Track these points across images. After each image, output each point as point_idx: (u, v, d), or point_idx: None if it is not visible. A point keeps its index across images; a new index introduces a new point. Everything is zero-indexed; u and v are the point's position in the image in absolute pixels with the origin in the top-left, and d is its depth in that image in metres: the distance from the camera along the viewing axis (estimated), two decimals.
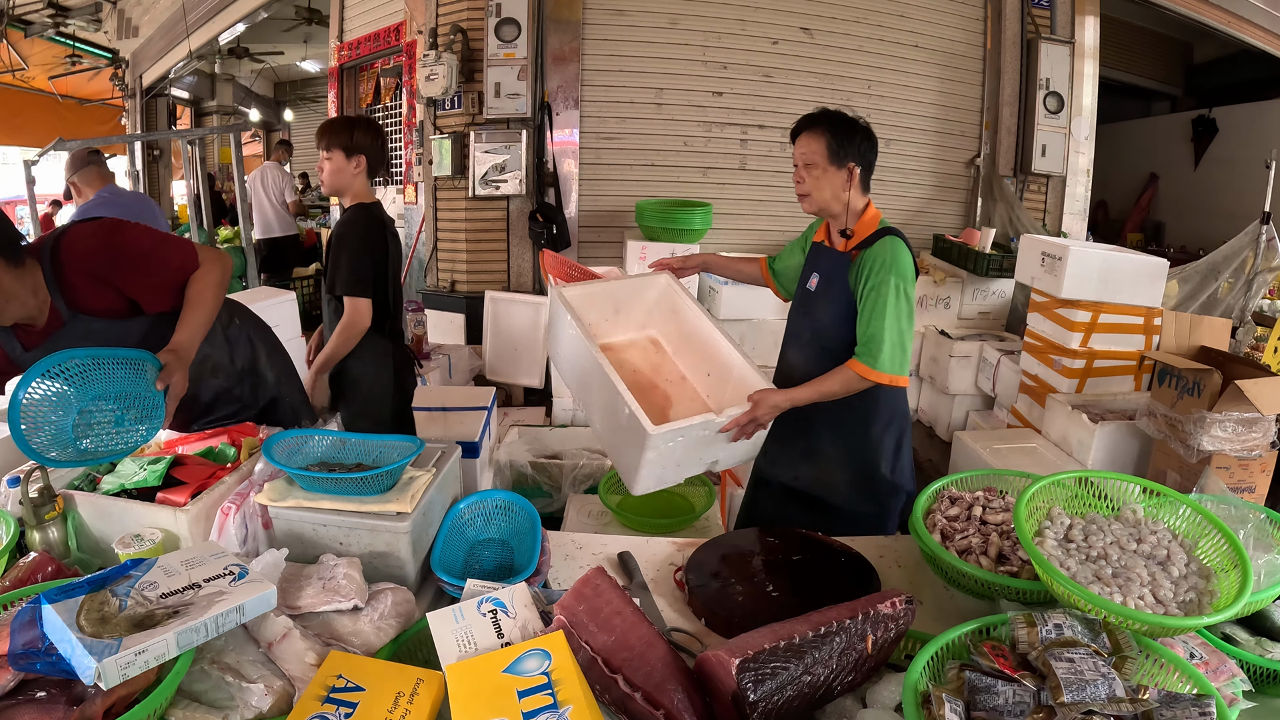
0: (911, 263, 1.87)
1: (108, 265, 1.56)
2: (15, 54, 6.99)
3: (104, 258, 1.56)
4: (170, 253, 1.63)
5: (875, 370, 1.77)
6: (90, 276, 1.55)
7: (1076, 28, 4.85)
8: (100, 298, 1.57)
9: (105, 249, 1.56)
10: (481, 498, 1.49)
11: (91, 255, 1.55)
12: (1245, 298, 3.33)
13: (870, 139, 1.92)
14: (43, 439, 1.30)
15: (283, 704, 0.99)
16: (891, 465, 1.96)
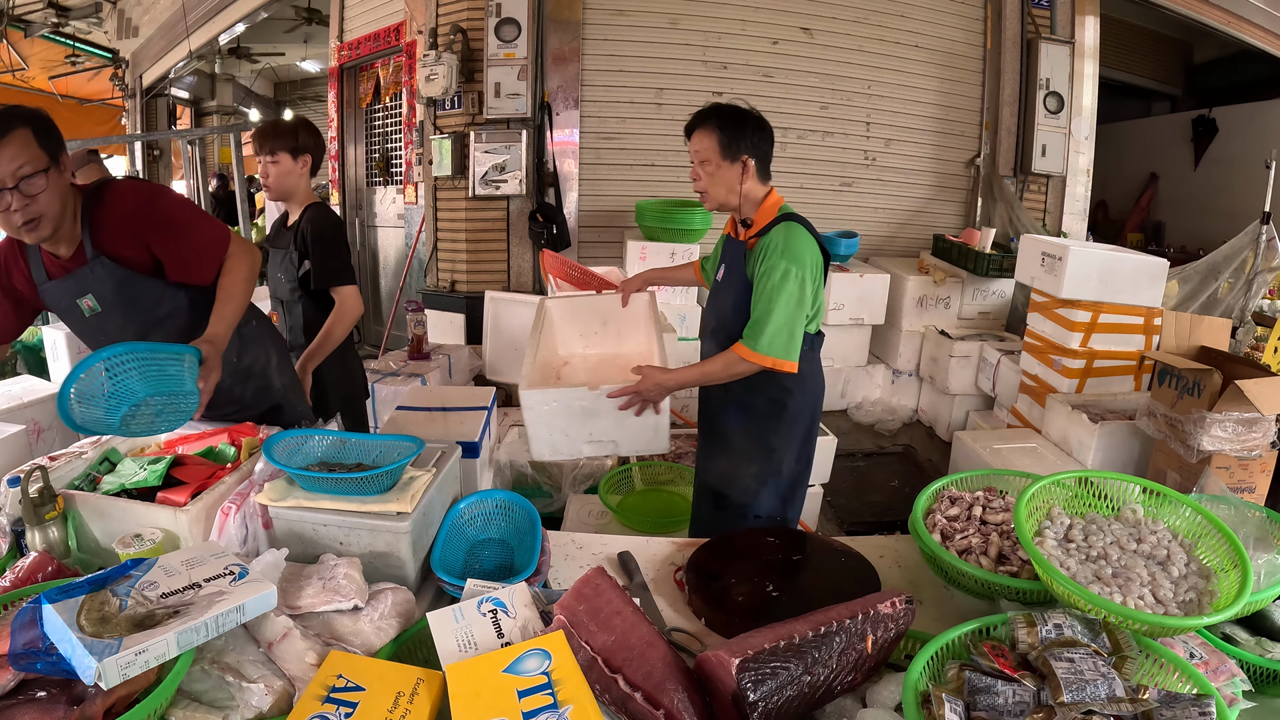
0: (810, 248, 1.84)
1: (144, 221, 1.63)
2: (15, 54, 6.99)
3: (142, 213, 1.63)
4: (203, 227, 1.71)
5: (755, 352, 1.78)
6: (125, 226, 1.61)
7: (1076, 28, 4.84)
8: (127, 247, 1.63)
9: (145, 205, 1.64)
10: (481, 498, 1.49)
11: (132, 208, 1.62)
12: (1245, 298, 3.33)
13: (763, 129, 1.90)
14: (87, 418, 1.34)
15: (283, 704, 0.99)
16: (796, 456, 1.98)
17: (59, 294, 1.67)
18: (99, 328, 1.71)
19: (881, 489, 3.57)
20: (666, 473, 2.67)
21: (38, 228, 1.51)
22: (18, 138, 1.44)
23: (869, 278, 4.02)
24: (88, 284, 1.64)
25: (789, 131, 4.62)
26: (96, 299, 1.66)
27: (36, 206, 1.48)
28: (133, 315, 1.70)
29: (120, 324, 1.69)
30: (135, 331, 1.70)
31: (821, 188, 4.75)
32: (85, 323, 1.71)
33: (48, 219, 1.52)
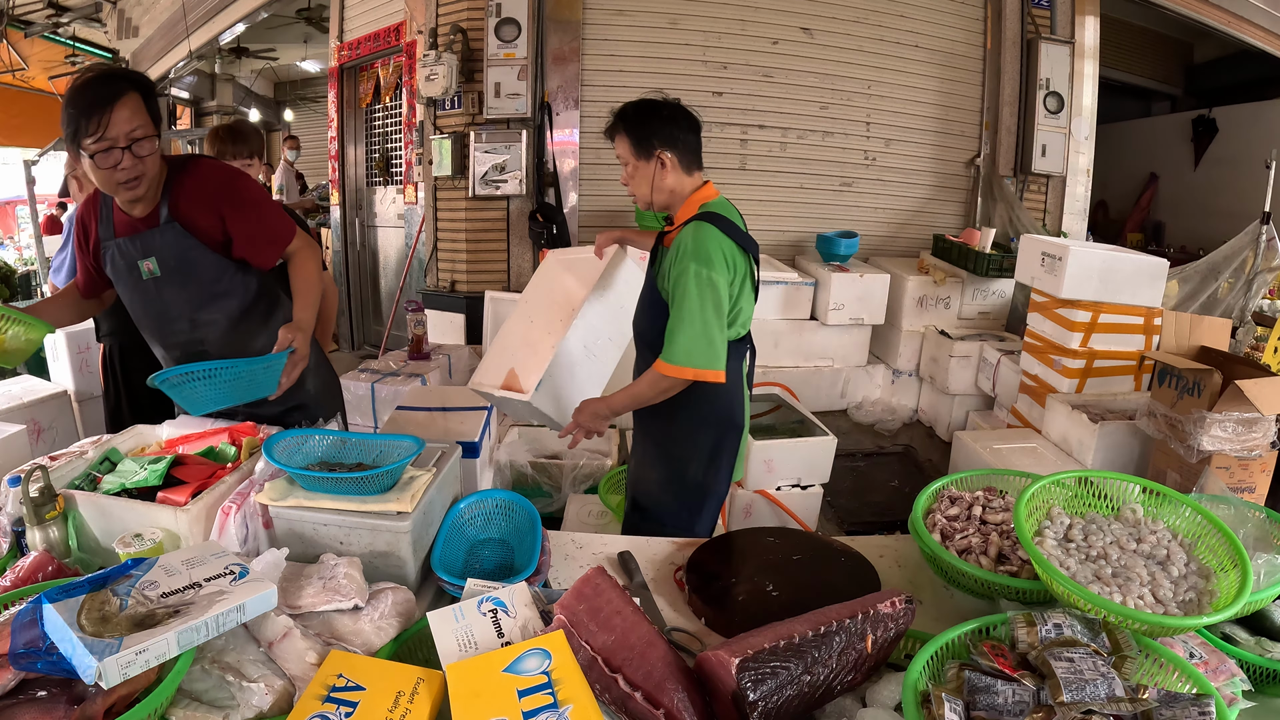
0: (721, 247, 1.73)
1: (224, 195, 1.70)
2: (15, 54, 6.99)
3: (224, 188, 1.71)
4: (274, 214, 1.80)
5: (673, 366, 1.70)
6: (205, 197, 1.68)
7: (1076, 28, 4.85)
8: (202, 217, 1.68)
9: (228, 181, 1.72)
10: (481, 497, 1.49)
11: (216, 181, 1.70)
12: (1245, 298, 3.34)
13: (676, 119, 1.81)
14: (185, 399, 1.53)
15: (283, 703, 0.99)
16: (704, 468, 1.89)
17: (122, 252, 1.71)
18: (154, 292, 1.73)
19: (881, 489, 3.57)
20: None
21: (136, 187, 1.58)
22: (131, 101, 1.52)
23: (869, 278, 4.02)
24: (154, 246, 1.68)
25: (789, 131, 4.62)
26: (159, 263, 1.70)
27: (142, 167, 1.56)
28: (190, 284, 1.72)
29: (176, 291, 1.73)
30: (188, 301, 1.73)
31: (821, 188, 4.75)
32: (140, 286, 1.73)
33: (147, 179, 1.59)
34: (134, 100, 1.53)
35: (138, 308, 1.78)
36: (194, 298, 1.74)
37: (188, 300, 1.74)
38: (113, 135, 1.51)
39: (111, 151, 1.51)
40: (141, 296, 1.75)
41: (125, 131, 1.51)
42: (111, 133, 1.50)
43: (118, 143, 1.51)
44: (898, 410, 4.23)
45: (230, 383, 1.56)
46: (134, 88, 1.53)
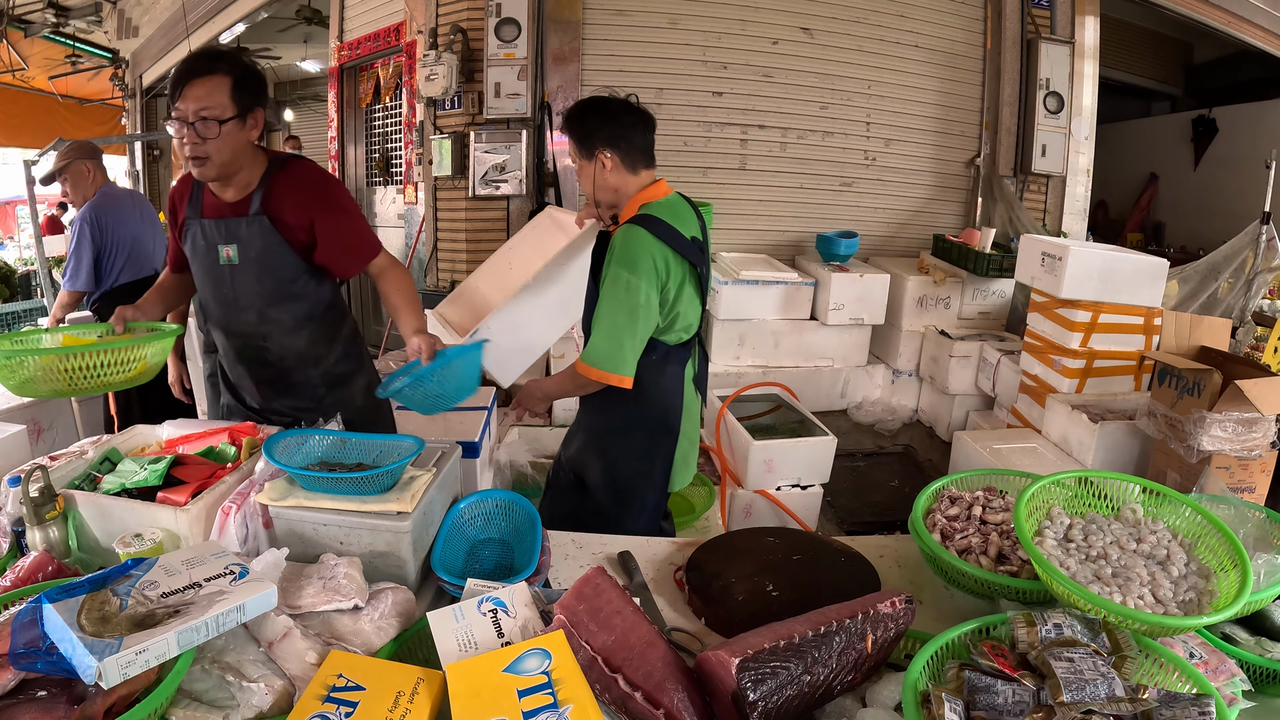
0: (650, 252, 1.72)
1: (318, 199, 1.71)
2: (15, 54, 6.98)
3: (320, 190, 1.72)
4: (363, 226, 1.80)
5: (585, 365, 1.75)
6: (299, 195, 1.69)
7: (1076, 28, 4.85)
8: (292, 215, 1.69)
9: (324, 184, 1.74)
10: (481, 497, 1.49)
11: (313, 181, 1.72)
12: (1245, 298, 3.33)
13: (616, 118, 1.79)
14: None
15: (283, 703, 0.99)
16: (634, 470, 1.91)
17: (204, 233, 1.72)
18: (228, 279, 1.74)
19: (881, 489, 3.57)
20: None
21: (202, 166, 1.60)
22: (213, 81, 1.55)
23: (869, 278, 4.02)
24: (238, 234, 1.69)
25: (789, 131, 4.62)
26: (239, 251, 1.70)
27: (205, 148, 1.57)
28: (265, 279, 1.73)
29: (249, 283, 1.73)
30: (259, 295, 1.74)
31: (821, 188, 4.75)
32: (215, 270, 1.74)
33: (213, 163, 1.60)
34: (217, 82, 1.55)
35: (208, 290, 1.79)
36: (266, 292, 1.75)
37: (259, 294, 1.74)
38: (183, 109, 1.54)
39: (180, 124, 1.55)
40: (214, 281, 1.76)
41: (195, 109, 1.54)
42: (183, 106, 1.54)
43: (186, 117, 1.54)
44: (898, 410, 4.23)
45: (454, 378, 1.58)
46: (227, 71, 1.56)
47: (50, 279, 4.98)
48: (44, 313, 4.77)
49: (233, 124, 1.58)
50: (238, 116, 1.59)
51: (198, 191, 1.73)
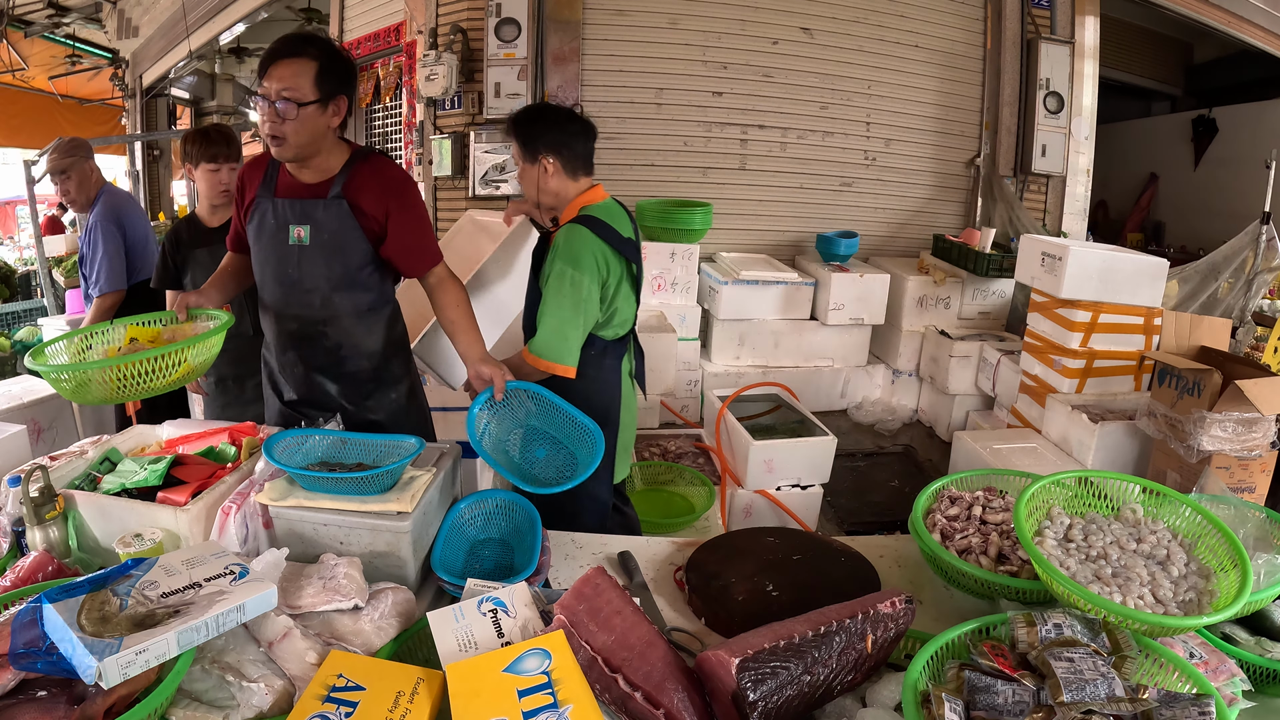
0: (591, 250, 1.83)
1: (396, 193, 1.74)
2: (15, 54, 6.98)
3: (398, 186, 1.74)
4: (430, 230, 1.82)
5: (530, 355, 1.85)
6: (379, 187, 1.72)
7: (1076, 28, 4.84)
8: (370, 204, 1.71)
9: (403, 182, 1.77)
10: (481, 498, 1.49)
11: (392, 177, 1.74)
12: (1245, 298, 3.33)
13: (564, 125, 1.90)
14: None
15: (283, 703, 0.99)
16: None
17: (276, 212, 1.72)
18: (295, 260, 1.74)
19: (881, 489, 3.57)
20: (666, 473, 2.67)
21: (280, 145, 1.62)
22: (299, 64, 1.57)
23: (869, 278, 4.02)
24: (313, 215, 1.70)
25: (789, 131, 4.62)
26: (312, 232, 1.71)
27: (282, 128, 1.59)
28: (334, 262, 1.74)
29: (319, 265, 1.74)
30: (327, 279, 1.75)
31: (821, 188, 4.75)
32: (282, 251, 1.74)
33: (290, 144, 1.61)
34: (302, 65, 1.57)
35: (269, 270, 1.78)
36: (334, 276, 1.75)
37: (327, 277, 1.75)
38: (267, 87, 1.57)
39: (262, 101, 1.58)
40: (279, 260, 1.75)
41: (278, 88, 1.56)
42: (268, 84, 1.57)
43: (269, 95, 1.57)
44: (898, 410, 4.23)
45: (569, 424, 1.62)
46: (314, 56, 1.58)
47: (50, 279, 4.98)
48: (44, 313, 4.77)
49: (313, 108, 1.60)
50: (318, 102, 1.60)
51: (273, 171, 1.74)
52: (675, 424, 3.57)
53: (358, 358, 1.84)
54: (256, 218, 1.74)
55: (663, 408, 3.57)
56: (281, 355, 1.86)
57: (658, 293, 3.96)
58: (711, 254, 4.38)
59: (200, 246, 2.49)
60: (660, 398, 3.52)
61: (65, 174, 2.99)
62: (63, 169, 2.99)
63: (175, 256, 2.49)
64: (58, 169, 2.99)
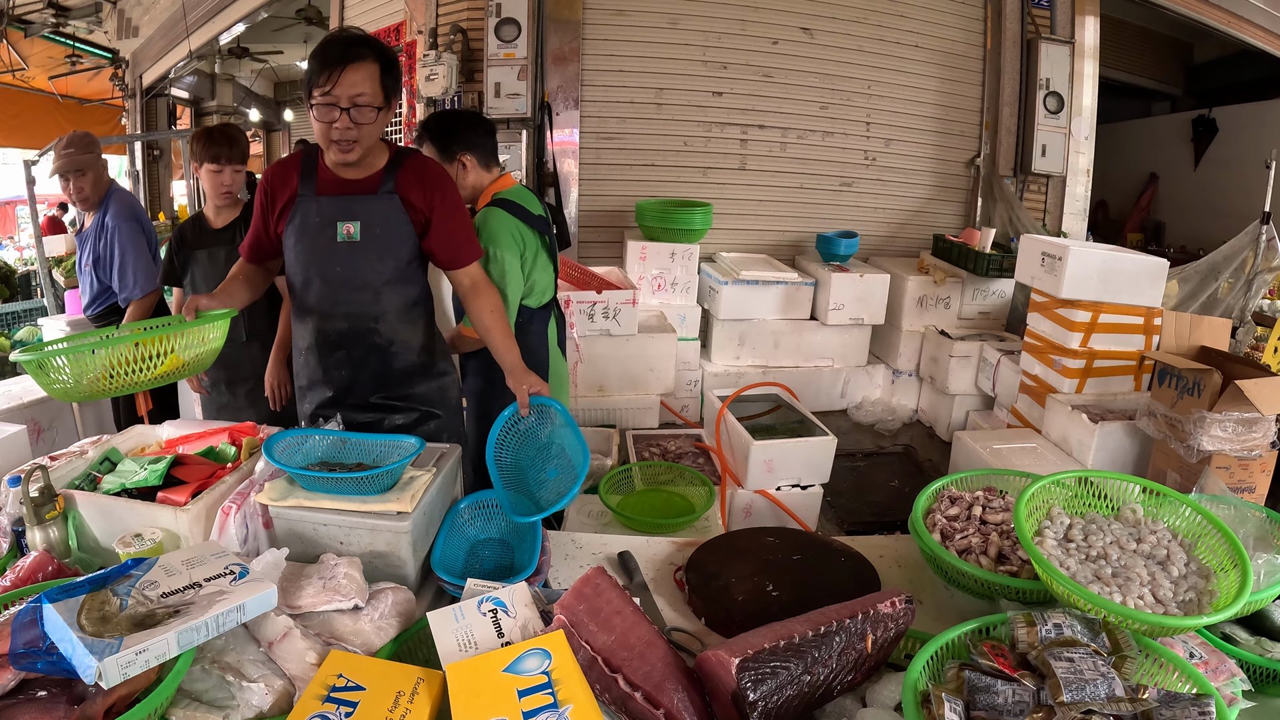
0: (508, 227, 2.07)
1: (440, 189, 1.76)
2: (15, 54, 6.98)
3: (442, 183, 1.77)
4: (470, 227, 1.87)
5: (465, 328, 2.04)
6: (425, 183, 1.74)
7: (1076, 28, 4.84)
8: (417, 198, 1.73)
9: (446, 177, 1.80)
10: (482, 497, 1.49)
11: (438, 175, 1.78)
12: (1245, 298, 3.33)
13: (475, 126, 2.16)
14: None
15: (283, 703, 0.99)
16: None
17: (320, 209, 1.71)
18: (343, 256, 1.72)
19: (881, 489, 3.57)
20: (666, 473, 2.66)
21: (348, 150, 1.62)
22: (365, 68, 1.58)
23: (869, 278, 4.02)
24: (362, 211, 1.70)
25: (789, 131, 4.62)
26: (362, 228, 1.71)
27: (356, 134, 1.60)
28: (386, 257, 1.74)
29: (369, 260, 1.73)
30: (378, 273, 1.74)
31: (821, 188, 4.75)
32: (328, 248, 1.72)
33: (361, 146, 1.63)
34: (369, 68, 1.57)
35: (313, 269, 1.74)
36: (385, 271, 1.74)
37: (378, 272, 1.74)
38: (337, 94, 1.56)
39: (332, 109, 1.57)
40: (325, 259, 1.72)
41: (350, 94, 1.56)
42: (337, 91, 1.56)
43: (339, 102, 1.56)
44: (898, 410, 4.23)
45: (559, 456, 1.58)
46: (375, 57, 1.59)
47: (50, 279, 4.98)
48: (44, 313, 4.77)
49: (383, 111, 1.62)
50: (385, 104, 1.62)
51: (309, 169, 1.72)
52: (675, 424, 3.57)
53: (407, 353, 1.83)
54: (298, 217, 1.72)
55: (663, 408, 3.57)
56: (325, 356, 1.81)
57: (658, 293, 3.97)
58: (711, 254, 4.38)
59: (201, 247, 2.47)
60: (660, 398, 3.52)
61: (82, 172, 2.85)
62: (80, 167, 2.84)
63: (179, 254, 2.48)
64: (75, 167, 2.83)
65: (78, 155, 2.83)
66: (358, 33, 1.61)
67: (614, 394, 3.44)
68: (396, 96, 1.66)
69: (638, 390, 3.47)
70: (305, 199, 1.71)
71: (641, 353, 3.43)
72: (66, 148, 2.84)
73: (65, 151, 2.83)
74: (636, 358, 3.43)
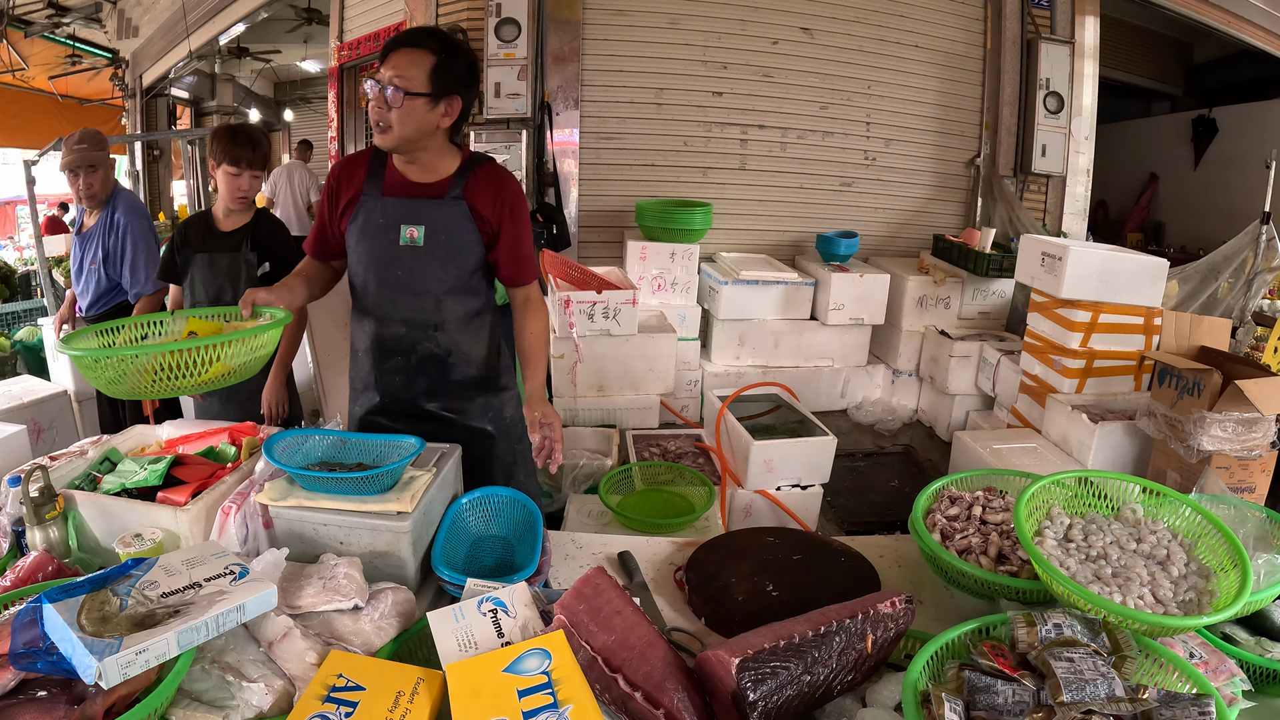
0: None
1: (509, 200, 1.71)
2: (15, 54, 6.99)
3: (514, 195, 1.72)
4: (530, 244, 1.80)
5: None
6: (495, 194, 1.69)
7: (1076, 28, 4.84)
8: (486, 208, 1.69)
9: (518, 192, 1.74)
10: (483, 495, 1.49)
11: (509, 187, 1.72)
12: (1245, 298, 3.33)
13: None
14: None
15: (283, 703, 0.99)
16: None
17: (385, 211, 1.67)
18: (406, 261, 1.68)
19: (881, 489, 3.57)
20: (666, 473, 2.67)
21: (383, 133, 1.60)
22: (416, 54, 1.55)
23: (869, 278, 4.02)
24: (428, 215, 1.66)
25: (789, 131, 4.62)
26: (426, 233, 1.66)
27: (387, 116, 1.57)
28: (450, 264, 1.70)
29: (432, 266, 1.69)
30: (440, 280, 1.70)
31: (821, 188, 4.75)
32: (391, 251, 1.67)
33: (393, 134, 1.59)
34: (418, 56, 1.55)
35: (373, 273, 1.70)
36: (448, 278, 1.70)
37: (440, 279, 1.70)
38: (381, 74, 1.55)
39: (374, 87, 1.56)
40: (387, 262, 1.69)
41: (389, 75, 1.54)
42: (382, 71, 1.55)
43: (381, 81, 1.55)
44: (898, 410, 4.23)
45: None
46: (434, 50, 1.56)
47: (50, 279, 4.98)
48: (44, 313, 4.77)
49: (422, 101, 1.56)
50: (429, 95, 1.56)
51: (378, 168, 1.69)
52: (675, 424, 3.57)
53: (465, 365, 1.78)
54: (361, 216, 1.68)
55: (663, 408, 3.57)
56: (381, 361, 1.77)
57: (658, 293, 3.97)
58: (711, 254, 4.39)
59: (204, 250, 2.39)
60: (660, 398, 3.52)
61: (94, 168, 2.85)
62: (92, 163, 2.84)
63: (181, 252, 2.41)
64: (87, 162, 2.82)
65: (90, 151, 2.83)
66: (432, 27, 1.62)
67: (614, 394, 3.44)
68: (455, 95, 1.61)
69: (638, 390, 3.47)
70: (370, 198, 1.67)
71: (641, 353, 3.43)
72: (79, 143, 2.84)
73: (78, 147, 2.83)
74: (636, 358, 3.43)
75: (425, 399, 1.78)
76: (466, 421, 1.80)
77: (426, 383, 1.77)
